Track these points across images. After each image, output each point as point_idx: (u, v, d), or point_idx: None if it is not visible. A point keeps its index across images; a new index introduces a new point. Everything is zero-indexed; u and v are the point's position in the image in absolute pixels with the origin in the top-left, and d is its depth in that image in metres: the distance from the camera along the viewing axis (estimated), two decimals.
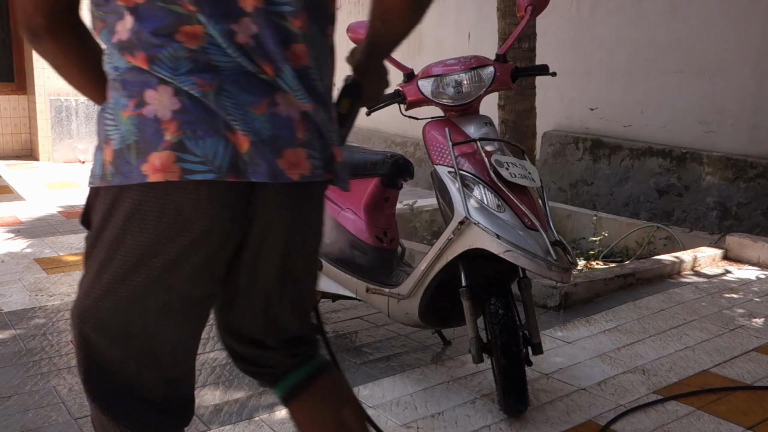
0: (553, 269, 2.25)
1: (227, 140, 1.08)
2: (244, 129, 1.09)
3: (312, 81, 1.16)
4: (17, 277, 3.94)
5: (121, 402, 1.24)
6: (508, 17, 4.21)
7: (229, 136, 1.08)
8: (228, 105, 1.08)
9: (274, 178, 1.11)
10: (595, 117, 5.86)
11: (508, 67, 2.57)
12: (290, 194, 1.18)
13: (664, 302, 3.70)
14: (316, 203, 1.29)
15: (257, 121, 1.10)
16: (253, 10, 1.08)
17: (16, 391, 2.57)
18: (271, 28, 1.10)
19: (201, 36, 1.07)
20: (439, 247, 2.43)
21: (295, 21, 1.13)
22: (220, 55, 1.08)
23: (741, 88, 4.94)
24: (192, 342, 1.31)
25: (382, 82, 1.48)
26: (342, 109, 1.42)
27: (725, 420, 2.44)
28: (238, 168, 1.09)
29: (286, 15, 1.12)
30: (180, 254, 1.12)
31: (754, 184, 4.82)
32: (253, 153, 1.09)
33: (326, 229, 2.99)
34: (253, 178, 1.10)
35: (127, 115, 1.08)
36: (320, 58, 1.20)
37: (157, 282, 1.14)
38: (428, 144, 2.56)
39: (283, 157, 1.12)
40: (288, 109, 1.14)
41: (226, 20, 1.07)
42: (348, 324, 3.37)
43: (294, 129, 1.14)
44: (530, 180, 2.39)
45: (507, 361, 2.32)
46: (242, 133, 1.09)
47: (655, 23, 5.38)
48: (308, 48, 1.15)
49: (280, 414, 2.42)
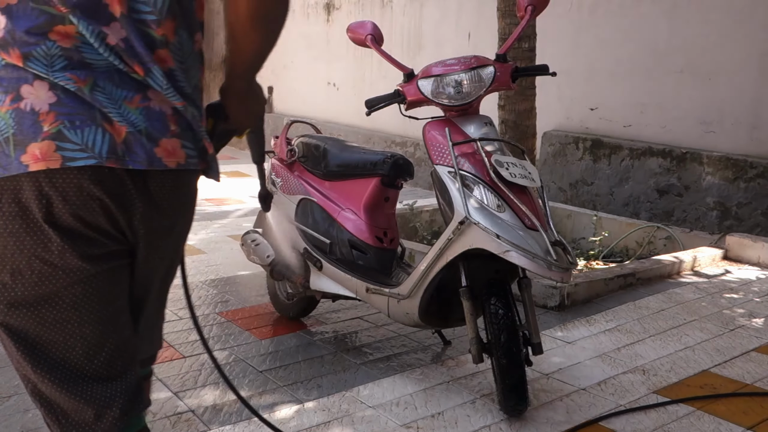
0: (553, 269, 2.25)
1: (104, 129, 1.15)
2: (120, 120, 1.16)
3: (178, 82, 1.24)
4: None
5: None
6: (508, 17, 4.21)
7: (107, 126, 1.15)
8: (102, 99, 1.15)
9: (151, 165, 1.19)
10: (595, 117, 5.86)
11: (508, 67, 2.57)
12: (167, 181, 1.25)
13: (664, 302, 3.70)
14: (192, 192, 1.35)
15: (132, 114, 1.18)
16: (120, 15, 1.16)
17: (16, 391, 2.57)
18: (136, 33, 1.18)
19: (74, 36, 1.13)
20: (439, 247, 2.43)
21: (159, 29, 1.20)
22: (92, 54, 1.15)
23: (741, 89, 4.94)
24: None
25: (249, 103, 1.49)
26: (207, 126, 1.46)
27: (725, 420, 2.44)
28: (117, 154, 1.15)
29: (149, 23, 1.19)
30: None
31: (754, 184, 4.82)
32: (130, 142, 1.16)
33: (326, 229, 2.99)
34: (131, 166, 1.17)
35: (4, 110, 1.12)
36: (187, 62, 1.27)
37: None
38: (428, 144, 2.56)
39: (159, 145, 1.20)
40: (160, 104, 1.21)
41: (97, 23, 1.14)
42: (348, 324, 3.37)
43: (167, 121, 1.22)
44: (530, 180, 2.39)
45: (507, 361, 2.32)
46: (119, 123, 1.16)
47: (655, 23, 5.38)
48: (172, 53, 1.23)
49: (280, 414, 2.43)
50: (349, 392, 2.59)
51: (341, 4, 8.50)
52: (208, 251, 4.67)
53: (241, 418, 2.40)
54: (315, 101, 9.05)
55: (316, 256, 2.95)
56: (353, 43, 2.88)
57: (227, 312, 3.49)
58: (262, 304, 3.60)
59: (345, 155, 3.04)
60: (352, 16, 8.19)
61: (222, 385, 2.65)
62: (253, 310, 3.53)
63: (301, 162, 3.18)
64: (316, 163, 3.11)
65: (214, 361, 1.72)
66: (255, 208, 6.01)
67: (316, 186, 3.09)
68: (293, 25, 9.36)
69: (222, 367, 2.82)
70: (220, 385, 2.65)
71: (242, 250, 3.35)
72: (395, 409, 2.47)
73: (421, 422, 2.38)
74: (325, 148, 3.10)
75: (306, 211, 3.08)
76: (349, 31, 2.86)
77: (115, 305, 1.26)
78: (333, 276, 2.92)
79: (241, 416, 2.42)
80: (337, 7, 8.57)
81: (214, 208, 6.07)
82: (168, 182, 1.25)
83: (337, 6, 8.56)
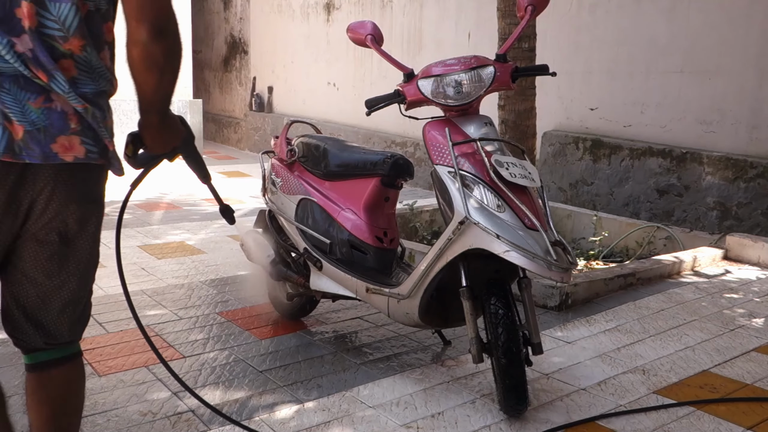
0: (553, 269, 2.25)
1: (4, 128, 1.36)
2: (19, 119, 1.37)
3: (81, 88, 1.44)
4: None
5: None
6: (508, 17, 4.21)
7: (6, 125, 1.36)
8: (7, 99, 1.36)
9: (46, 159, 1.40)
10: (595, 117, 5.86)
11: (508, 67, 2.57)
12: (65, 174, 1.45)
13: (664, 302, 3.70)
14: (93, 183, 1.54)
15: (33, 113, 1.38)
16: (29, 29, 1.37)
17: (16, 391, 2.57)
18: (43, 46, 1.38)
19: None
20: (439, 247, 2.43)
21: (65, 44, 1.41)
22: (1, 60, 1.35)
23: (741, 89, 4.94)
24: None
25: (163, 135, 1.68)
26: (127, 152, 1.71)
27: (725, 420, 2.44)
28: (13, 151, 1.36)
29: (56, 38, 1.40)
30: None
31: (754, 184, 4.82)
32: (27, 139, 1.38)
33: (326, 229, 2.99)
34: (27, 160, 1.38)
35: None
36: (94, 74, 1.47)
37: None
38: (428, 144, 2.56)
39: (56, 142, 1.41)
40: (63, 105, 1.41)
41: (9, 34, 1.35)
42: (348, 324, 3.37)
43: (68, 120, 1.42)
44: (530, 180, 2.39)
45: (507, 361, 2.32)
46: (18, 122, 1.36)
47: (655, 23, 5.38)
48: (78, 64, 1.44)
49: (280, 414, 2.43)
50: (349, 392, 2.59)
51: (341, 4, 8.50)
52: (208, 251, 4.67)
53: (240, 418, 2.40)
54: (315, 101, 9.05)
55: (316, 256, 2.95)
56: (353, 43, 2.88)
57: (227, 312, 3.48)
58: (262, 304, 3.60)
59: (345, 155, 3.04)
60: (352, 16, 8.19)
61: (222, 385, 2.65)
62: (253, 310, 3.52)
63: (301, 162, 3.18)
64: (316, 163, 3.11)
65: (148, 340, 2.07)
66: (255, 208, 6.02)
67: (316, 186, 3.09)
68: (293, 25, 9.36)
69: (223, 366, 2.82)
70: (220, 385, 2.65)
71: (242, 250, 3.35)
72: (395, 409, 2.47)
73: (421, 422, 2.38)
74: (325, 148, 3.09)
75: (306, 211, 3.08)
76: (349, 31, 2.86)
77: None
78: (333, 276, 2.91)
79: (241, 416, 2.42)
80: (337, 7, 8.57)
81: (214, 208, 6.07)
82: (65, 175, 1.44)
83: (337, 6, 8.56)
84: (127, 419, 2.40)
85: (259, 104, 10.02)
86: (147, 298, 3.63)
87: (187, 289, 3.81)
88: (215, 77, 11.32)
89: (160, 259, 4.41)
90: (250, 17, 10.24)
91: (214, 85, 11.36)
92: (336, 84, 8.67)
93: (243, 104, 10.52)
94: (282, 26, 9.59)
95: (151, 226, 5.38)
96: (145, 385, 2.65)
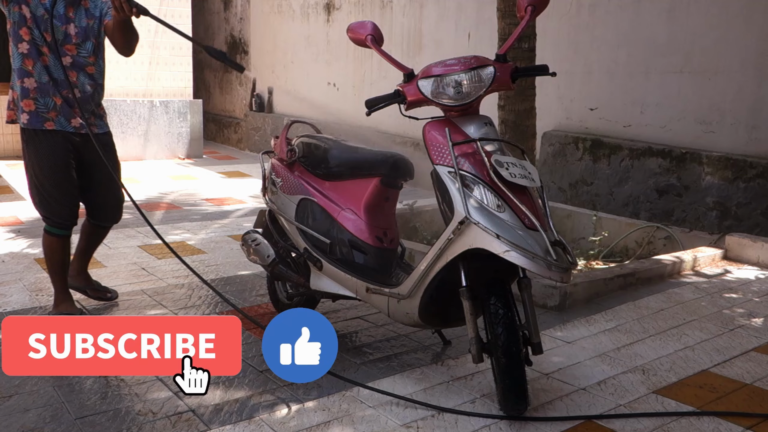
0: (553, 269, 2.25)
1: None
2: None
3: (97, 80, 3.27)
4: (17, 277, 3.94)
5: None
6: (508, 17, 4.21)
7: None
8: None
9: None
10: (595, 117, 5.86)
11: (508, 67, 2.57)
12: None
13: (664, 302, 3.70)
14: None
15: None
16: (70, 55, 3.10)
17: (16, 391, 2.58)
18: (79, 62, 3.14)
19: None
20: (439, 247, 2.43)
21: (89, 58, 3.19)
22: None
23: (741, 88, 4.94)
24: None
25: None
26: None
27: (725, 420, 2.44)
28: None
29: (85, 57, 3.13)
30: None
31: (753, 184, 4.82)
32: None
33: (327, 229, 2.99)
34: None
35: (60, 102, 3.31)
36: (100, 68, 3.27)
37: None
38: (428, 144, 2.56)
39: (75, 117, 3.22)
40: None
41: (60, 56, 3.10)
42: (348, 324, 3.37)
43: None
44: (530, 180, 2.39)
45: (507, 361, 2.32)
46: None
47: (654, 23, 5.39)
48: (95, 68, 3.20)
49: (280, 414, 2.43)
50: (349, 392, 2.59)
51: (341, 4, 8.50)
52: (208, 251, 4.68)
53: (240, 418, 2.40)
54: (315, 101, 9.05)
55: (316, 256, 2.95)
56: (353, 43, 2.88)
57: (227, 312, 3.49)
58: (262, 304, 3.61)
59: (345, 155, 3.04)
60: (352, 16, 8.19)
61: (222, 385, 2.65)
62: (253, 310, 3.53)
63: (301, 162, 3.18)
64: (316, 163, 3.11)
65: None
66: (255, 207, 6.02)
67: (317, 186, 3.10)
68: (293, 25, 9.37)
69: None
70: (220, 385, 2.66)
71: (242, 250, 3.35)
72: (395, 408, 2.47)
73: (421, 422, 2.38)
74: (325, 148, 3.10)
75: (306, 211, 3.08)
76: (349, 31, 2.86)
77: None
78: (333, 276, 2.92)
79: (241, 416, 2.42)
80: (337, 7, 8.57)
81: (214, 208, 6.08)
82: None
83: (337, 6, 8.56)
84: (128, 419, 2.40)
85: (259, 104, 10.01)
86: (147, 298, 3.64)
87: (188, 289, 3.82)
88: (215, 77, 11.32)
89: (161, 259, 4.41)
90: (250, 17, 10.24)
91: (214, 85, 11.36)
92: (336, 84, 8.67)
93: (243, 104, 10.52)
94: (282, 26, 9.59)
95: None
96: (145, 385, 2.65)
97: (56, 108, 3.11)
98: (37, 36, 3.01)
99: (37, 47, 3.03)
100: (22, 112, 3.11)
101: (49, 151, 3.14)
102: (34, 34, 3.01)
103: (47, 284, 3.81)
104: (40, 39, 3.02)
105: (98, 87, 3.23)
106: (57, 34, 3.02)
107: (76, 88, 3.10)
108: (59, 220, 3.18)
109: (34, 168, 3.16)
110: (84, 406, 2.48)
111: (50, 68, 3.06)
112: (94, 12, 3.13)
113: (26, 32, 3.01)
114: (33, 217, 5.49)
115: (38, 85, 3.08)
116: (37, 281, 3.88)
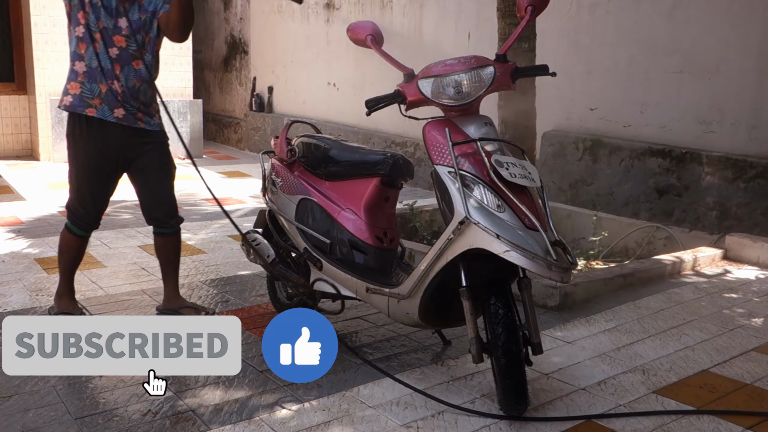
0: (553, 269, 2.25)
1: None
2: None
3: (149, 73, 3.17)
4: (17, 277, 3.94)
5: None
6: (508, 17, 4.21)
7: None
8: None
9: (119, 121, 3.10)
10: (595, 117, 5.86)
11: (508, 67, 2.57)
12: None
13: (664, 302, 3.70)
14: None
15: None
16: (119, 46, 3.01)
17: (16, 391, 2.58)
18: (126, 54, 3.03)
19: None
20: (439, 247, 2.43)
21: (137, 51, 3.05)
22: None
23: (741, 88, 4.94)
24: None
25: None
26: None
27: (725, 420, 2.44)
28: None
29: (134, 49, 3.02)
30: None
31: (753, 184, 4.82)
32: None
33: (326, 229, 3.00)
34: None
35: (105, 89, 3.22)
36: (150, 63, 3.15)
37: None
38: (428, 144, 2.56)
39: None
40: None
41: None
42: (348, 324, 3.37)
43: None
44: (530, 180, 2.39)
45: (507, 361, 2.32)
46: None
47: (654, 23, 5.39)
48: (144, 61, 3.07)
49: (280, 414, 2.43)
50: (349, 392, 2.59)
51: (341, 4, 8.50)
52: (208, 251, 4.68)
53: (240, 418, 2.40)
54: (315, 101, 9.05)
55: (316, 256, 2.95)
56: (353, 43, 2.88)
57: (227, 312, 3.49)
58: (262, 304, 3.61)
59: (345, 155, 3.04)
60: (352, 16, 8.19)
61: (222, 385, 2.65)
62: (253, 310, 3.53)
63: (301, 162, 3.18)
64: (316, 163, 3.11)
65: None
66: (255, 207, 6.02)
67: (316, 186, 3.10)
68: (293, 25, 9.36)
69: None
70: (220, 385, 2.65)
71: (242, 250, 3.35)
72: (395, 408, 2.47)
73: (421, 422, 2.38)
74: (325, 148, 3.10)
75: (306, 211, 3.08)
76: (349, 31, 2.86)
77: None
78: (333, 276, 2.92)
79: (241, 416, 2.42)
80: (337, 7, 8.57)
81: (214, 208, 6.07)
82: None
83: (337, 6, 8.56)
84: (127, 419, 2.40)
85: (259, 104, 10.01)
86: (147, 298, 3.64)
87: (188, 289, 3.81)
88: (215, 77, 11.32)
89: None
90: (250, 17, 10.24)
91: (215, 85, 11.36)
92: (336, 84, 8.67)
93: (243, 104, 10.52)
94: (282, 26, 9.59)
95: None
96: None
97: (101, 95, 3.02)
98: (92, 21, 2.98)
99: (90, 32, 2.99)
100: (66, 94, 3.06)
101: (87, 152, 3.07)
102: (90, 19, 2.97)
103: (47, 284, 3.81)
104: (95, 24, 2.98)
105: (145, 83, 3.09)
106: (107, 23, 2.99)
107: (119, 81, 3.02)
108: (81, 221, 3.16)
109: (72, 162, 3.13)
110: (84, 406, 2.48)
111: (100, 55, 3.01)
112: (147, 7, 3.06)
113: (83, 16, 2.97)
114: (33, 217, 5.49)
115: (88, 69, 3.02)
116: (37, 281, 3.88)
